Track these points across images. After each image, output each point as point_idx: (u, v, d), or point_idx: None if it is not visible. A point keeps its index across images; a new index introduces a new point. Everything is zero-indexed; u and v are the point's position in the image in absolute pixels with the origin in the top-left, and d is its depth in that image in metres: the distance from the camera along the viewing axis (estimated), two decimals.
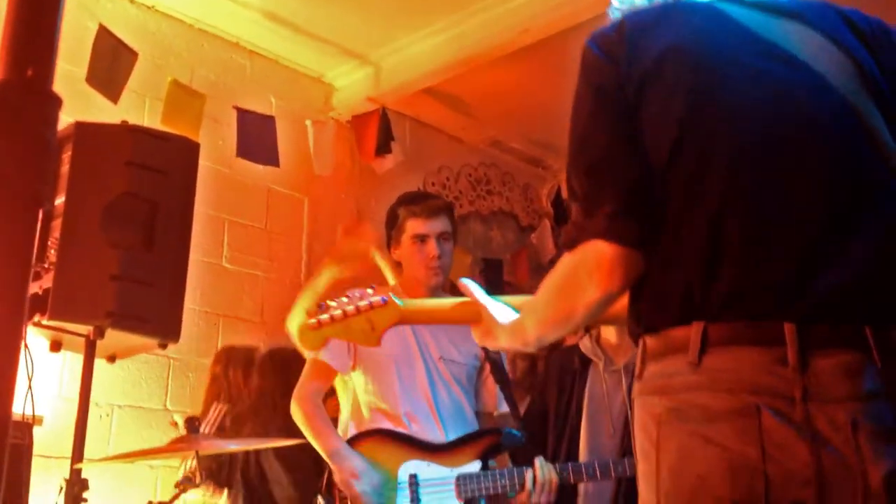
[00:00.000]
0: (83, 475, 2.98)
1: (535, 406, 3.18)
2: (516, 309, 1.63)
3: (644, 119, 1.37)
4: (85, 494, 2.98)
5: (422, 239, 2.77)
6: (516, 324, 1.57)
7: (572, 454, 2.89)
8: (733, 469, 1.23)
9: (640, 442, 1.37)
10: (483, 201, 6.01)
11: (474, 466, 2.63)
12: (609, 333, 3.03)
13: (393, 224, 2.84)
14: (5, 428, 0.74)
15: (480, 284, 1.74)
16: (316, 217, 5.01)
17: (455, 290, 1.94)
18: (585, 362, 3.02)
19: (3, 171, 0.76)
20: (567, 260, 1.41)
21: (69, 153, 3.03)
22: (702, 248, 1.32)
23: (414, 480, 2.61)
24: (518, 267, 5.89)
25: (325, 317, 1.76)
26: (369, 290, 1.78)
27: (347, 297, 1.78)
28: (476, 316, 1.67)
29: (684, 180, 1.34)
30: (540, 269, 5.87)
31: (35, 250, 2.78)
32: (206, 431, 3.45)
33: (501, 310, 1.63)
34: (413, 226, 2.78)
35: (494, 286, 5.69)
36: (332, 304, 1.78)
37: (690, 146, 1.34)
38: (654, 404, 1.34)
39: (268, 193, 4.83)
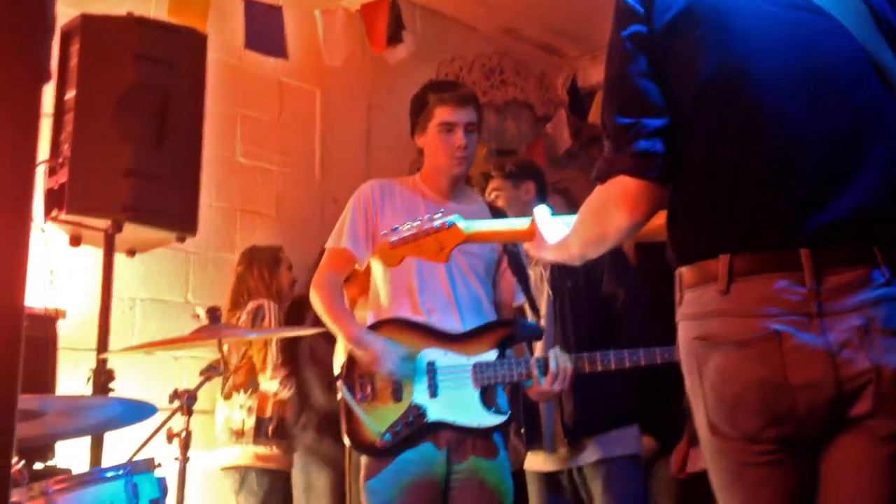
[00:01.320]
0: (108, 366, 3.06)
1: None
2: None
3: (672, 65, 1.52)
4: (111, 385, 3.06)
5: (449, 127, 2.73)
6: (563, 241, 1.76)
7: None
8: (763, 387, 1.41)
9: (684, 361, 1.53)
10: (497, 91, 5.93)
11: (491, 355, 2.66)
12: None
13: (420, 110, 2.79)
14: (19, 316, 0.75)
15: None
16: (328, 109, 4.96)
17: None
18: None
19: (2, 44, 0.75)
20: (599, 190, 1.58)
21: (77, 46, 3.00)
22: (724, 185, 1.47)
23: (431, 368, 2.64)
24: (534, 157, 5.84)
25: (398, 238, 2.08)
26: (438, 214, 2.03)
27: (419, 220, 2.07)
28: (532, 234, 1.88)
29: (708, 122, 1.50)
30: (556, 160, 5.83)
31: (49, 144, 2.77)
32: (268, 325, 3.60)
33: (558, 228, 1.81)
34: (441, 113, 2.73)
35: None
36: (406, 226, 2.09)
37: (714, 91, 1.49)
38: (691, 328, 1.50)
39: (279, 86, 4.78)
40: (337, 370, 2.74)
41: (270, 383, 3.77)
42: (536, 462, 3.13)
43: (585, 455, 3.04)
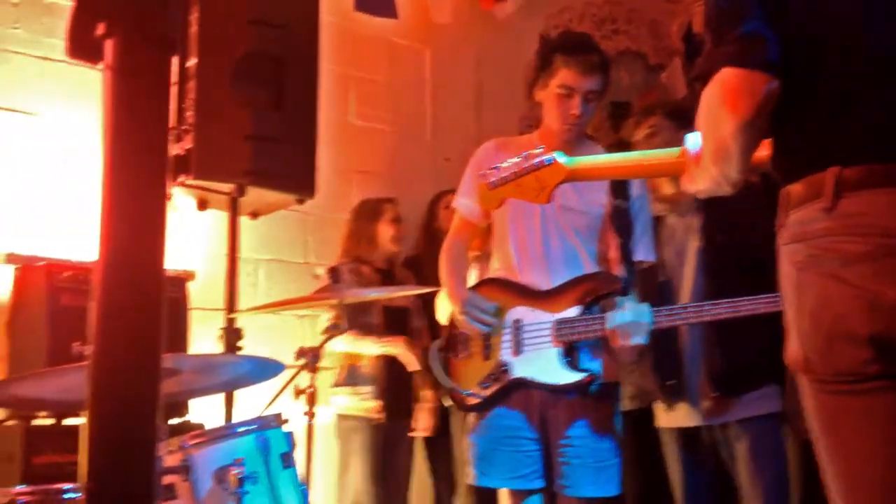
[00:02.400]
0: (237, 325, 3.17)
1: None
2: None
3: None
4: (240, 343, 3.18)
5: (568, 92, 2.65)
6: (702, 165, 1.55)
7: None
8: (871, 307, 1.29)
9: (784, 290, 1.42)
10: (608, 42, 5.78)
11: (574, 311, 2.62)
12: (665, 187, 2.95)
13: (544, 66, 2.72)
14: (161, 280, 0.77)
15: (609, 129, 1.82)
16: (438, 68, 4.95)
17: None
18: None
19: (135, 14, 0.76)
20: (704, 94, 1.42)
21: (195, 14, 3.07)
22: (834, 94, 1.36)
23: (518, 325, 2.66)
24: None
25: (497, 178, 1.94)
26: (537, 150, 1.89)
27: (518, 157, 1.92)
28: (650, 170, 1.77)
29: (818, 28, 1.38)
30: None
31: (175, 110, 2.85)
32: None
33: None
34: (564, 76, 2.65)
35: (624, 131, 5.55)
36: (504, 165, 1.94)
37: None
38: (794, 251, 1.39)
39: (389, 46, 4.79)
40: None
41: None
42: (676, 418, 2.98)
43: (732, 412, 2.88)
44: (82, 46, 0.72)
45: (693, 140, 1.60)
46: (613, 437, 2.66)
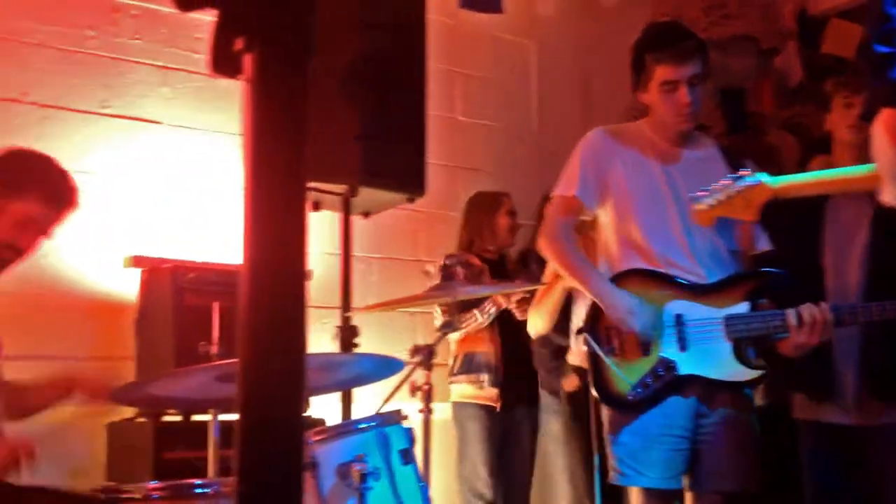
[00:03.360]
0: (353, 323, 3.23)
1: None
2: None
3: None
4: (355, 340, 3.24)
5: (671, 86, 2.59)
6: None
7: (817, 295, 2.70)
8: None
9: None
10: (719, 27, 5.62)
11: (742, 307, 2.55)
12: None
13: (639, 69, 2.68)
14: (302, 281, 0.79)
15: (719, 117, 1.97)
16: (543, 61, 4.92)
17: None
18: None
19: (274, 29, 0.78)
20: (873, 128, 1.60)
21: None
22: None
23: (680, 320, 2.56)
24: (762, 95, 5.53)
25: (709, 201, 2.29)
26: (745, 171, 2.20)
27: (727, 180, 2.25)
28: (847, 185, 2.01)
29: None
30: (786, 96, 5.48)
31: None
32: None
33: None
34: (662, 72, 2.59)
35: (736, 118, 5.39)
36: (715, 186, 2.28)
37: None
38: None
39: (494, 41, 4.79)
40: (577, 321, 2.74)
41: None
42: (820, 411, 2.85)
43: (888, 415, 2.72)
44: (223, 61, 0.74)
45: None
46: (755, 431, 2.61)
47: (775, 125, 5.51)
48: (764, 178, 2.11)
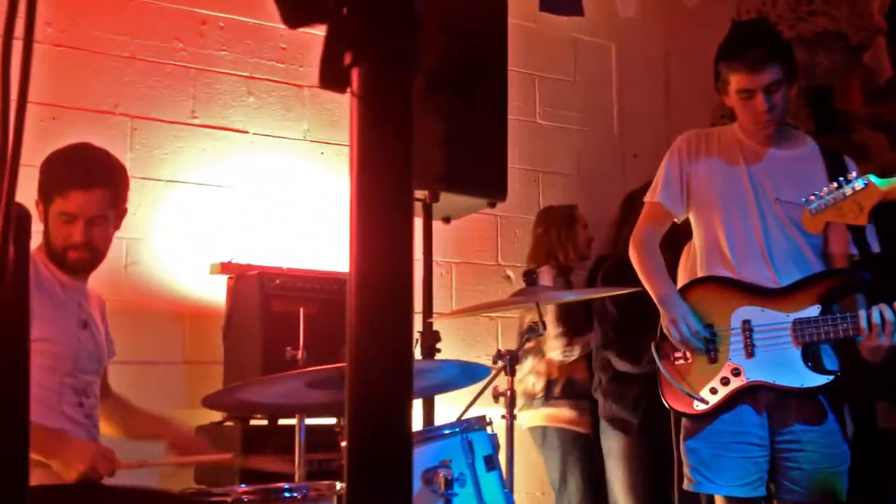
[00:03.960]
0: (435, 328, 3.24)
1: None
2: None
3: None
4: (437, 345, 3.24)
5: (748, 95, 2.57)
6: None
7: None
8: None
9: None
10: (805, 24, 5.48)
11: (813, 311, 2.49)
12: None
13: (717, 77, 2.68)
14: (410, 290, 0.79)
15: (807, 116, 1.88)
16: (624, 63, 4.87)
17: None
18: None
19: (381, 42, 0.79)
20: None
21: None
22: None
23: (748, 326, 2.54)
24: (850, 92, 5.37)
25: (818, 205, 2.23)
26: (852, 174, 2.15)
27: (835, 183, 2.20)
28: None
29: None
30: (875, 93, 5.31)
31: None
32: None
33: None
34: (737, 81, 2.58)
35: (824, 117, 5.25)
36: (824, 191, 2.23)
37: None
38: None
39: (574, 44, 4.75)
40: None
41: (553, 352, 3.83)
42: None
43: None
44: (332, 76, 0.75)
45: None
46: (845, 440, 2.55)
47: (864, 123, 5.35)
48: (873, 178, 2.04)
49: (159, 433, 2.67)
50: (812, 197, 2.20)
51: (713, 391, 2.54)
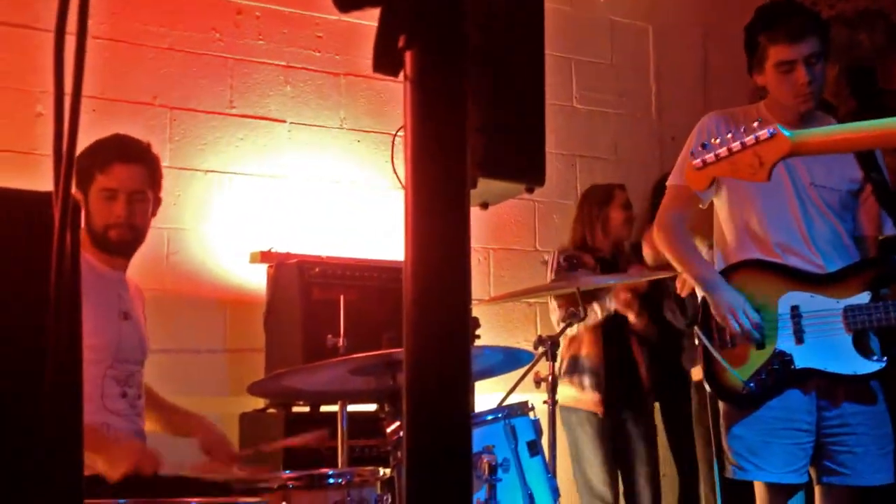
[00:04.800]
0: (473, 314, 3.24)
1: None
2: None
3: None
4: (477, 332, 3.25)
5: (788, 67, 2.51)
6: None
7: None
8: None
9: None
10: (845, 2, 5.38)
11: (863, 298, 2.46)
12: None
13: (753, 51, 2.60)
14: (467, 278, 0.78)
15: (848, 96, 1.68)
16: (662, 44, 4.81)
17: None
18: None
19: (433, 26, 0.78)
20: None
21: None
22: None
23: (796, 312, 2.50)
24: (892, 72, 5.26)
25: (709, 156, 1.79)
26: (755, 124, 1.76)
27: (731, 133, 1.77)
28: (884, 140, 1.63)
29: None
30: None
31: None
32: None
33: None
34: (776, 52, 2.51)
35: (866, 97, 5.15)
36: (717, 141, 1.79)
37: None
38: None
39: (611, 26, 4.71)
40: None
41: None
42: None
43: None
44: (385, 60, 0.74)
45: None
46: (886, 425, 2.53)
47: None
48: (783, 130, 1.70)
49: (192, 433, 2.65)
50: (700, 148, 1.83)
51: (759, 378, 2.50)
